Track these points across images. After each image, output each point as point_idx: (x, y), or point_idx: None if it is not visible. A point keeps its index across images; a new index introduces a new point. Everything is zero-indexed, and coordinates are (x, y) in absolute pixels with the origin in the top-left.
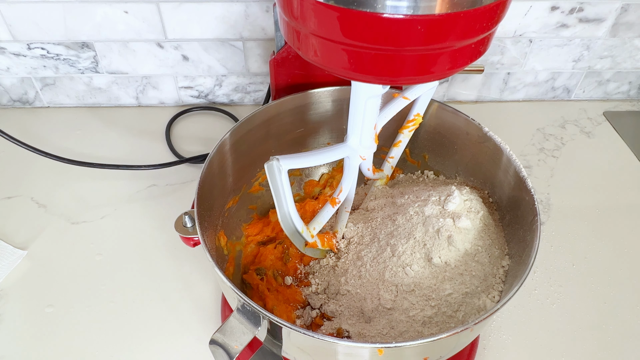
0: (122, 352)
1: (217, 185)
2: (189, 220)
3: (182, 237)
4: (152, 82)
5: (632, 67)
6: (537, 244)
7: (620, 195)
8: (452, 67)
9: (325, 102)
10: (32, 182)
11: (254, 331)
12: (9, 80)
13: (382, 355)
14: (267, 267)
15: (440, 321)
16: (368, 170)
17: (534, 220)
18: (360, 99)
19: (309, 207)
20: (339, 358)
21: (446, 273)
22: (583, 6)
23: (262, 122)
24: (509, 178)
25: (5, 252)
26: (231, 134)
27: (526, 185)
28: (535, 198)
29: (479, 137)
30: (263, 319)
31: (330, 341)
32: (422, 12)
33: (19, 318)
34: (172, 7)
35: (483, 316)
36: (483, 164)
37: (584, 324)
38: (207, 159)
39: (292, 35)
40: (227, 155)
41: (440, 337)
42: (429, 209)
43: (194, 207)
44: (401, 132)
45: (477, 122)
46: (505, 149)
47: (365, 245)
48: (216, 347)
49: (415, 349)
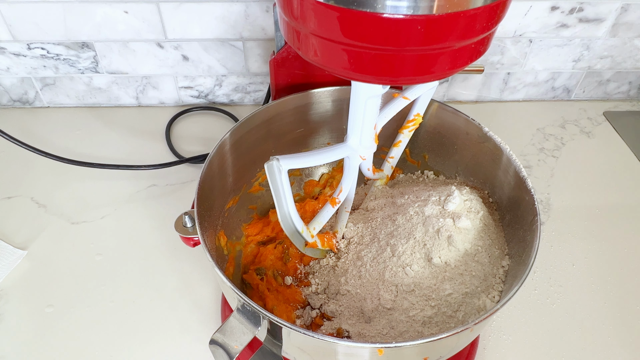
0: (122, 352)
1: (217, 185)
2: (189, 220)
3: (182, 237)
4: (152, 82)
5: (632, 67)
6: (537, 244)
7: (620, 195)
8: (452, 67)
9: (326, 102)
10: (32, 182)
11: (254, 331)
12: (9, 80)
13: (382, 355)
14: (267, 267)
15: (440, 321)
16: (368, 170)
17: (534, 220)
18: (360, 99)
19: (309, 207)
20: (339, 358)
21: (446, 273)
22: (583, 6)
23: (262, 122)
24: (509, 178)
25: (5, 252)
26: (231, 134)
27: (526, 185)
28: (535, 198)
29: (479, 137)
30: (263, 319)
31: (330, 341)
32: (422, 12)
33: (19, 318)
34: (172, 7)
35: (483, 316)
36: (483, 164)
37: (584, 324)
38: (207, 159)
39: (292, 35)
40: (227, 155)
41: (441, 337)
42: (429, 209)
43: (194, 207)
44: (401, 132)
45: (477, 122)
46: (505, 149)
47: (365, 245)
48: (216, 347)
49: (415, 349)
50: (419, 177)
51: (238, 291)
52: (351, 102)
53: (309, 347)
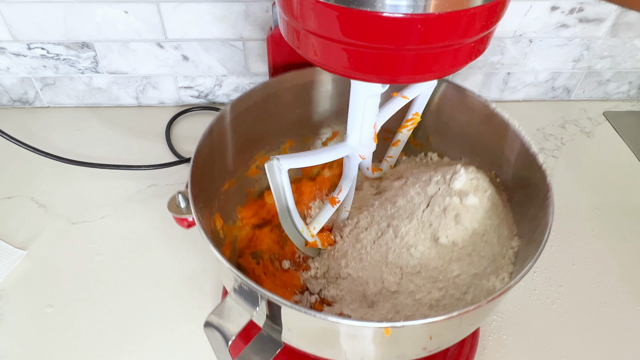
0: (122, 352)
1: (213, 164)
2: (183, 200)
3: (175, 218)
4: (152, 82)
5: (632, 67)
6: (551, 221)
7: (620, 195)
8: (453, 66)
9: (326, 80)
10: (32, 182)
11: (251, 312)
12: (9, 80)
13: (389, 336)
14: (264, 250)
15: (448, 304)
16: (367, 170)
17: (546, 197)
18: (360, 98)
19: (305, 188)
20: (342, 341)
21: (453, 254)
22: (583, 6)
23: (261, 100)
24: (517, 155)
25: (5, 252)
26: (232, 107)
27: (537, 162)
28: (546, 173)
29: (485, 115)
30: (261, 299)
31: (332, 321)
32: (422, 10)
33: (19, 318)
34: (172, 7)
35: (497, 293)
36: (489, 143)
37: (584, 324)
38: (205, 130)
39: (291, 35)
40: (225, 131)
41: (452, 315)
42: (432, 189)
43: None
44: (400, 132)
45: (483, 99)
46: (513, 125)
47: (362, 229)
48: (211, 329)
49: (424, 330)
50: (422, 159)
51: (234, 269)
52: (350, 102)
53: (310, 329)
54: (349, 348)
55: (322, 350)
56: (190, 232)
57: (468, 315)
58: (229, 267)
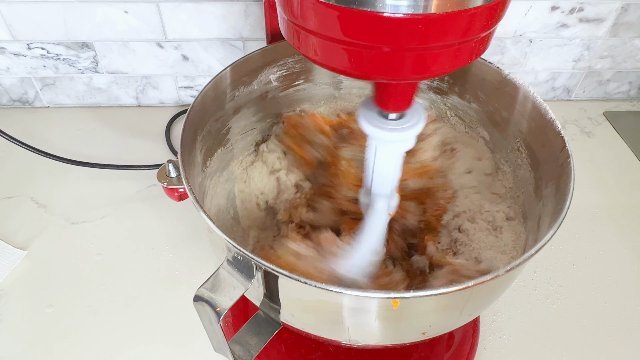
0: (122, 353)
1: (207, 130)
2: (174, 170)
3: (165, 189)
4: (152, 82)
5: (632, 67)
6: (572, 184)
7: (620, 195)
8: (453, 66)
9: None
10: (32, 182)
11: (246, 284)
12: (9, 80)
13: (397, 309)
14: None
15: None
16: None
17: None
18: (390, 160)
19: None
20: (345, 316)
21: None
22: (583, 6)
23: (258, 67)
24: (530, 118)
25: (5, 252)
26: (231, 69)
27: (554, 127)
28: (562, 133)
29: (498, 82)
30: (257, 270)
31: (336, 291)
32: (423, 10)
33: (19, 318)
34: (172, 7)
35: (516, 262)
36: (501, 113)
37: (584, 324)
38: (200, 91)
39: (291, 34)
40: (225, 90)
41: (468, 286)
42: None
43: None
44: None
45: (495, 66)
46: (529, 92)
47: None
48: (202, 304)
49: (436, 302)
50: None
51: (227, 238)
52: (376, 166)
53: (310, 303)
54: (352, 325)
55: (324, 329)
56: (191, 232)
57: (487, 285)
58: (223, 236)
